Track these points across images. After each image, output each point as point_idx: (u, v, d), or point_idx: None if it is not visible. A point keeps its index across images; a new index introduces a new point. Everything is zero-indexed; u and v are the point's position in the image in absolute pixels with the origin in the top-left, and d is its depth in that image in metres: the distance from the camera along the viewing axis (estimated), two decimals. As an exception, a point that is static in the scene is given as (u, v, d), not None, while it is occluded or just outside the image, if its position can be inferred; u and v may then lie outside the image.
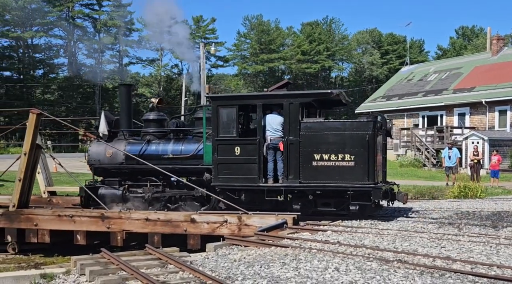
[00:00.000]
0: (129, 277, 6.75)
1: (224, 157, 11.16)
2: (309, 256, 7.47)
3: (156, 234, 10.46)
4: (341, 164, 10.43)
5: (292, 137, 10.83)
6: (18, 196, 11.25)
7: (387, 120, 11.63)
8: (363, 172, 10.32)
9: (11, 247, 11.54)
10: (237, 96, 12.89)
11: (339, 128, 10.67)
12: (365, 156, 10.32)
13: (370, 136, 10.34)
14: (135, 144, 12.44)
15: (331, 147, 10.53)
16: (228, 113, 11.20)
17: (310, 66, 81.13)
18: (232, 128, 11.19)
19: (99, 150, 12.65)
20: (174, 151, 12.02)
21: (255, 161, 10.99)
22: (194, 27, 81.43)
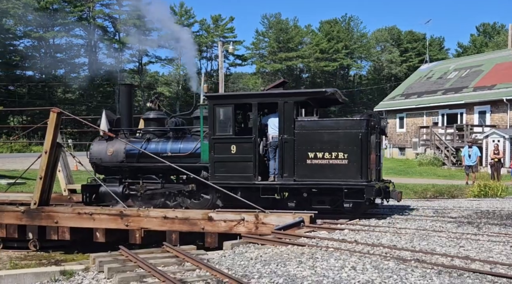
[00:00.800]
0: (147, 275, 6.80)
1: (221, 155, 11.33)
2: (325, 254, 7.45)
3: (174, 232, 10.53)
4: (334, 162, 10.54)
5: (286, 135, 10.95)
6: (39, 194, 11.40)
7: (381, 118, 11.67)
8: (356, 170, 10.42)
9: (33, 244, 11.71)
10: (233, 95, 13.01)
11: (333, 127, 10.78)
12: (358, 154, 10.43)
13: (363, 135, 10.44)
14: (135, 142, 12.60)
15: (325, 145, 10.64)
16: (224, 112, 11.38)
17: (329, 64, 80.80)
18: (229, 127, 11.36)
19: (100, 149, 12.82)
20: (173, 150, 12.14)
21: (251, 159, 11.14)
22: (212, 26, 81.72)
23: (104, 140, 12.90)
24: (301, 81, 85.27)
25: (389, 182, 11.83)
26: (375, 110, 43.29)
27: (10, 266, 10.56)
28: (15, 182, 17.30)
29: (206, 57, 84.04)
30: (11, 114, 54.96)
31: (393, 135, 38.66)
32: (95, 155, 12.91)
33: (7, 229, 11.56)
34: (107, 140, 12.83)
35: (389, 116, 39.33)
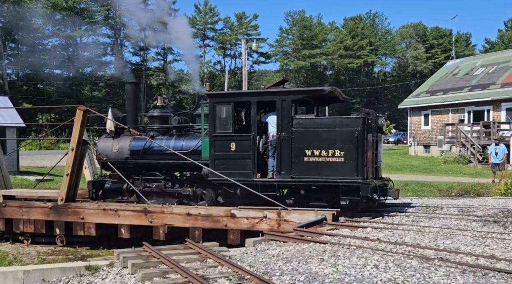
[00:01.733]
0: (169, 271, 6.89)
1: (221, 153, 11.48)
2: (348, 252, 7.43)
3: (197, 229, 10.60)
4: (331, 160, 10.64)
5: (284, 133, 11.06)
6: (66, 190, 11.60)
7: (379, 116, 11.69)
8: (352, 167, 10.51)
9: (59, 240, 11.93)
10: (233, 93, 13.17)
11: (330, 125, 10.88)
12: (355, 152, 10.51)
13: (359, 133, 10.52)
14: (140, 140, 12.79)
15: (322, 143, 10.75)
16: (224, 110, 11.53)
17: (353, 61, 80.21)
18: (228, 125, 11.50)
19: (106, 146, 13.10)
20: (176, 147, 12.28)
21: (249, 156, 11.28)
22: (236, 24, 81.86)
23: (110, 137, 13.20)
24: (324, 79, 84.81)
25: (388, 179, 11.87)
26: (399, 107, 42.87)
27: (38, 261, 10.79)
28: (43, 179, 17.65)
29: (230, 55, 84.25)
30: (40, 112, 56.04)
31: (418, 133, 38.20)
32: (101, 152, 13.21)
33: (35, 225, 11.80)
34: (113, 138, 13.13)
35: (414, 113, 38.88)
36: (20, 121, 25.30)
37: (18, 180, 20.27)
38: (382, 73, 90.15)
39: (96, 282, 7.04)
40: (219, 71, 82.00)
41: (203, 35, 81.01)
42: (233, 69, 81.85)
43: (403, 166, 29.28)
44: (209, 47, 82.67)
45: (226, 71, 69.86)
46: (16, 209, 11.88)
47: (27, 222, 11.85)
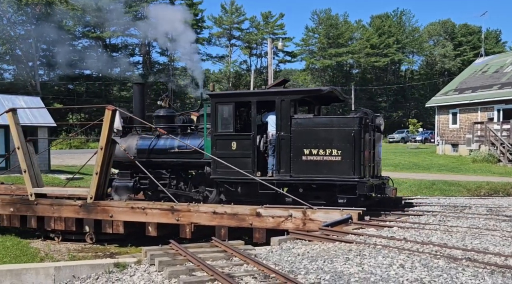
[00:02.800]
0: (196, 268, 6.96)
1: (222, 152, 11.69)
2: (373, 252, 7.41)
3: (223, 227, 10.68)
4: (329, 158, 10.81)
5: (283, 132, 11.24)
6: (95, 188, 11.80)
7: (377, 116, 11.75)
8: (349, 166, 10.65)
9: (89, 237, 12.15)
10: (234, 93, 13.34)
11: (327, 124, 11.03)
12: (351, 151, 10.66)
13: (356, 132, 10.66)
14: (146, 139, 13.09)
15: (320, 143, 10.91)
16: (225, 110, 11.77)
17: (379, 60, 79.43)
18: (229, 124, 11.73)
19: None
20: (180, 146, 12.52)
21: (250, 155, 11.49)
22: (262, 23, 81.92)
23: (118, 137, 13.44)
24: (350, 77, 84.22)
25: (387, 178, 12.00)
26: (427, 105, 42.27)
27: (68, 257, 11.03)
28: (73, 177, 18.01)
29: (255, 54, 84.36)
30: (70, 112, 57.10)
31: (446, 131, 37.62)
32: None
33: (65, 222, 12.03)
34: (120, 137, 13.40)
35: (442, 111, 38.29)
36: (51, 121, 25.87)
37: (49, 178, 20.72)
38: (409, 71, 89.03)
39: (124, 279, 7.17)
40: (245, 70, 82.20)
41: (229, 35, 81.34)
42: (259, 68, 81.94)
43: (431, 165, 28.90)
44: (235, 47, 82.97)
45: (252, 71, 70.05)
46: (48, 207, 12.15)
47: (58, 219, 12.09)
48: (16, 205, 12.53)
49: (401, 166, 28.77)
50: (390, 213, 11.25)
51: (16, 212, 12.53)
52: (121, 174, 13.35)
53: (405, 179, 21.36)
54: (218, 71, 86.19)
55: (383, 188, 11.38)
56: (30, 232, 13.17)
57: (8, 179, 18.90)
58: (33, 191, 12.43)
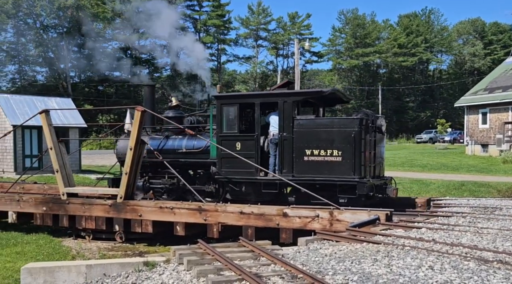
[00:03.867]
0: (224, 268, 7.01)
1: (227, 152, 11.89)
2: (402, 253, 7.35)
3: (249, 227, 10.72)
4: (329, 159, 11.04)
5: (286, 133, 11.50)
6: (125, 188, 11.96)
7: (378, 117, 11.87)
8: (349, 167, 10.86)
9: (119, 236, 12.34)
10: (238, 95, 13.73)
11: (328, 125, 11.28)
12: (352, 151, 10.86)
13: (356, 133, 10.85)
14: (155, 140, 13.48)
15: (321, 143, 11.14)
16: (230, 111, 12.08)
17: (407, 59, 78.54)
18: (234, 125, 12.05)
19: (125, 145, 13.60)
20: (188, 146, 12.87)
21: (253, 155, 11.77)
22: (289, 24, 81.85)
23: (129, 137, 13.56)
24: (378, 77, 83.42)
25: (389, 179, 12.20)
26: (456, 105, 41.61)
27: (99, 256, 11.24)
28: (104, 177, 18.32)
29: (282, 55, 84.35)
30: (100, 113, 58.12)
31: (475, 132, 36.97)
32: (120, 151, 13.95)
33: (96, 221, 12.24)
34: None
35: (471, 111, 37.64)
36: (82, 122, 26.40)
37: (80, 178, 21.14)
38: (438, 70, 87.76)
39: (153, 277, 7.26)
40: (272, 71, 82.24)
41: (256, 36, 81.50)
42: (285, 69, 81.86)
43: (460, 165, 28.47)
44: (261, 48, 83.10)
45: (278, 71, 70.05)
46: (79, 206, 12.40)
47: (88, 218, 12.32)
48: (49, 204, 12.83)
49: (429, 166, 28.42)
50: (418, 214, 11.15)
51: (48, 211, 12.82)
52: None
53: (433, 180, 21.12)
54: (244, 72, 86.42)
55: (384, 188, 11.53)
56: (62, 231, 13.47)
57: (41, 178, 19.37)
58: (65, 191, 12.69)
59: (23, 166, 24.27)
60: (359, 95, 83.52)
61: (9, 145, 24.50)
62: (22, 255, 11.15)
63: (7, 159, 24.90)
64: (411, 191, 18.39)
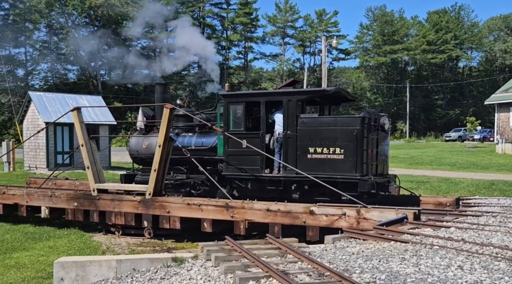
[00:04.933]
0: (251, 265, 7.05)
1: (233, 149, 12.28)
2: (430, 252, 7.30)
3: (276, 225, 10.76)
4: (332, 157, 11.24)
5: (290, 131, 11.72)
6: (153, 184, 12.13)
7: (381, 116, 11.96)
8: (351, 164, 11.06)
9: (147, 232, 12.50)
10: (244, 94, 13.89)
11: (331, 124, 11.45)
12: (353, 149, 11.05)
13: (358, 131, 11.04)
14: None
15: (324, 141, 11.35)
16: (237, 109, 12.36)
17: (436, 56, 77.38)
18: (240, 123, 12.33)
19: (137, 142, 14.19)
20: (197, 143, 13.17)
21: (258, 153, 11.93)
22: (316, 21, 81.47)
23: (141, 134, 14.26)
24: (406, 74, 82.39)
25: (393, 176, 12.30)
26: (486, 103, 40.83)
27: (128, 251, 11.44)
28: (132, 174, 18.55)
29: (309, 52, 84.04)
30: (129, 110, 58.89)
31: (506, 130, 36.22)
32: (133, 148, 14.36)
33: (125, 217, 12.43)
34: (143, 134, 14.18)
35: (502, 109, 36.89)
36: (111, 119, 26.82)
37: (110, 175, 21.48)
38: (468, 67, 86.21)
39: (182, 273, 7.35)
40: (298, 68, 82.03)
41: (283, 33, 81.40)
42: (312, 67, 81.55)
43: (489, 164, 27.95)
44: (288, 45, 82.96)
45: (305, 69, 69.84)
46: (109, 202, 12.62)
47: (118, 214, 12.52)
48: (80, 199, 13.11)
49: (458, 165, 27.99)
50: (447, 213, 11.02)
51: (79, 207, 13.09)
52: (143, 170, 14.26)
53: (462, 179, 20.81)
54: (271, 69, 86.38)
55: (387, 186, 11.62)
56: (92, 226, 13.73)
57: (72, 174, 19.75)
58: (95, 187, 12.94)
59: (55, 162, 24.83)
60: (387, 92, 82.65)
61: (41, 141, 25.08)
62: (55, 249, 11.44)
63: (39, 156, 25.50)
64: (439, 190, 18.16)
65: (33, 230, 13.62)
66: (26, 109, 26.95)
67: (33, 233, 13.23)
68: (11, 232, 13.27)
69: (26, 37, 62.46)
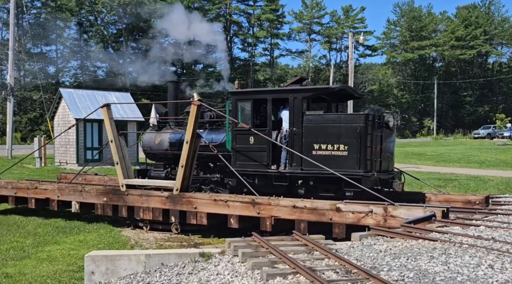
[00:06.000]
0: (278, 261, 7.07)
1: (241, 145, 12.59)
2: (459, 251, 7.22)
3: (302, 221, 10.75)
4: (336, 153, 11.43)
5: (296, 128, 11.93)
6: (181, 180, 12.25)
7: (387, 113, 12.22)
8: (355, 161, 11.22)
9: (175, 227, 12.65)
10: (252, 91, 14.16)
11: (336, 121, 11.65)
12: (357, 146, 11.21)
13: (362, 128, 11.19)
14: (177, 133, 14.16)
15: (329, 138, 11.56)
16: (245, 106, 12.64)
17: (465, 52, 76.06)
18: (248, 120, 12.56)
19: (150, 138, 14.48)
20: (207, 139, 13.34)
21: (265, 149, 12.24)
22: (343, 17, 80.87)
23: (154, 131, 14.60)
24: (433, 71, 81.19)
25: (398, 173, 12.52)
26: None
27: (156, 246, 11.60)
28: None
29: (335, 49, 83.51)
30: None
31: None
32: (146, 144, 14.73)
33: (153, 212, 12.59)
34: (156, 131, 14.52)
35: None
36: (139, 115, 27.19)
37: (137, 170, 21.73)
38: (498, 63, 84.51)
39: (209, 268, 7.41)
40: (324, 65, 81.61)
41: (309, 30, 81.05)
42: (338, 63, 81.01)
43: (521, 162, 27.42)
44: (314, 42, 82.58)
45: (331, 65, 69.45)
46: (137, 198, 12.81)
47: (146, 209, 12.69)
48: (109, 195, 13.33)
49: (487, 163, 27.51)
50: (476, 211, 10.87)
51: (108, 202, 13.32)
52: (155, 165, 14.62)
53: (491, 177, 20.46)
54: (297, 66, 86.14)
55: (391, 183, 11.81)
56: (121, 221, 13.97)
57: (101, 170, 20.11)
58: (124, 182, 13.15)
59: (85, 158, 25.30)
60: (414, 89, 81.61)
61: (72, 138, 25.58)
62: (85, 243, 11.67)
63: (70, 151, 26.01)
64: (468, 188, 17.90)
65: (64, 224, 13.92)
66: (57, 105, 27.52)
67: (64, 227, 13.53)
68: (43, 226, 13.59)
69: (57, 35, 63.69)
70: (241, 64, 74.18)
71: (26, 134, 54.11)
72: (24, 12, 55.83)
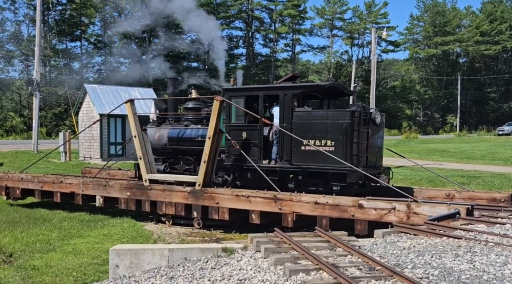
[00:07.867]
0: (300, 257, 7.07)
1: (235, 141, 12.73)
2: (485, 249, 7.14)
3: (324, 218, 10.74)
4: (324, 149, 11.68)
5: (285, 124, 12.26)
6: (203, 176, 12.34)
7: (374, 110, 12.51)
8: (341, 156, 11.43)
9: (197, 222, 12.76)
10: (245, 88, 14.29)
11: (323, 117, 11.95)
12: (343, 142, 11.53)
13: (348, 125, 11.50)
14: (176, 128, 14.62)
15: (317, 134, 11.88)
16: (238, 103, 12.94)
17: (490, 48, 74.79)
18: (241, 116, 12.95)
19: (150, 133, 14.68)
20: (204, 135, 13.41)
21: (257, 144, 12.64)
22: (365, 13, 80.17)
23: (154, 126, 14.94)
24: (457, 66, 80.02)
25: (387, 169, 12.82)
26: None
27: (179, 241, 11.71)
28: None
29: (357, 45, 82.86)
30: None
31: None
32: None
33: (175, 207, 12.71)
34: (156, 126, 14.87)
35: None
36: (162, 111, 27.30)
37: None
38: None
39: (232, 263, 7.45)
40: (346, 61, 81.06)
41: (331, 25, 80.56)
42: (360, 59, 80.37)
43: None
44: (336, 37, 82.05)
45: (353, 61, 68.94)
46: (160, 192, 12.94)
47: (168, 204, 12.81)
48: (132, 189, 13.49)
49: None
50: (502, 209, 10.72)
51: (132, 196, 13.48)
52: (155, 159, 14.65)
53: (517, 175, 20.11)
54: (318, 62, 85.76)
55: (377, 178, 12.03)
56: (144, 215, 14.13)
57: (124, 165, 20.33)
58: (147, 177, 13.29)
59: (108, 152, 25.61)
60: (437, 85, 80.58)
61: (96, 133, 25.90)
62: (109, 237, 11.85)
63: (94, 146, 26.36)
64: (492, 185, 17.63)
65: (88, 218, 14.14)
66: (81, 101, 27.90)
67: (88, 221, 13.75)
68: (68, 220, 13.83)
69: (82, 31, 64.49)
70: (262, 60, 74.11)
71: (51, 129, 55.01)
72: (50, 9, 56.66)
